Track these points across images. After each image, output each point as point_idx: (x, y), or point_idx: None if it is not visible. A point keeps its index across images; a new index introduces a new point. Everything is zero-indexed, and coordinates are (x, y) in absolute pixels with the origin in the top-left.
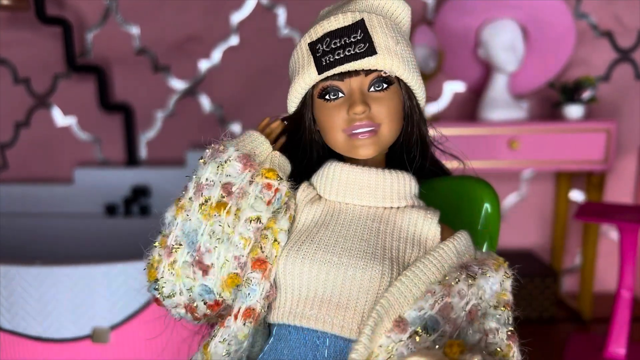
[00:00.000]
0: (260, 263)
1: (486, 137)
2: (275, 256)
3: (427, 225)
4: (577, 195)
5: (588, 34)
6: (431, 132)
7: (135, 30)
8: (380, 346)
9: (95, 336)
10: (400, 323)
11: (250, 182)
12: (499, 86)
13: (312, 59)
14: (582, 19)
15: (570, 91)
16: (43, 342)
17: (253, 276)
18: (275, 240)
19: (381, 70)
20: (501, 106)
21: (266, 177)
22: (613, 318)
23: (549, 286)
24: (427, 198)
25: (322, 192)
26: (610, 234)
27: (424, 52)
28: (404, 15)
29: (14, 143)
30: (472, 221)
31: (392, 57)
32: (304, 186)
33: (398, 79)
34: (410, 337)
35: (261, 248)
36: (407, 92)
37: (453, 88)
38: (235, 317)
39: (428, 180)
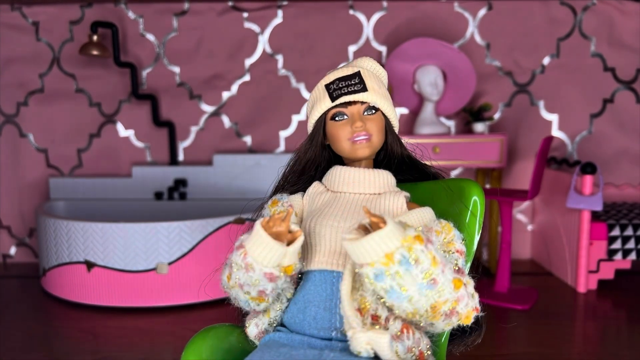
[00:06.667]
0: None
1: (418, 145)
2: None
3: (396, 199)
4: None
5: (495, 74)
6: (404, 142)
7: (176, 69)
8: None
9: (158, 269)
10: None
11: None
12: (427, 110)
13: (326, 94)
14: (491, 63)
15: (475, 113)
16: (124, 272)
17: None
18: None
19: (370, 102)
20: (428, 124)
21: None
22: (498, 263)
23: None
24: (433, 194)
25: (329, 186)
26: (517, 215)
27: None
28: (382, 73)
29: (88, 148)
30: (466, 209)
31: (376, 95)
32: (315, 184)
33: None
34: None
35: None
36: (386, 118)
37: (399, 111)
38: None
39: (432, 182)
